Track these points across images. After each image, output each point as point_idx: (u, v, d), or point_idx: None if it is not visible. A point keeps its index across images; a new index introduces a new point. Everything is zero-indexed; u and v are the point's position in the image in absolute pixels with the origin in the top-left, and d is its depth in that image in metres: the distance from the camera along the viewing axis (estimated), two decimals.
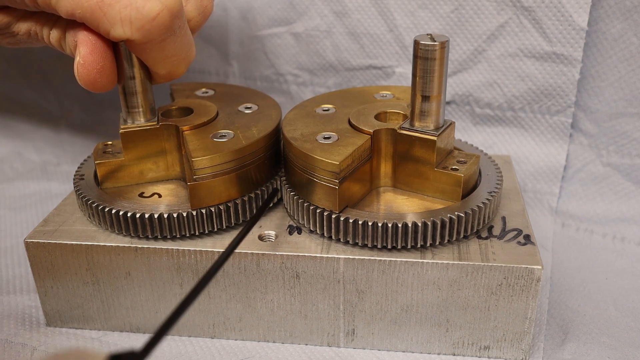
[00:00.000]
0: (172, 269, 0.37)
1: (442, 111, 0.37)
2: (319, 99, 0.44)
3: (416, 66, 0.36)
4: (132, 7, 0.32)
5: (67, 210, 0.41)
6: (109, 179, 0.40)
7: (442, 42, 0.35)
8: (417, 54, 0.35)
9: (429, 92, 0.36)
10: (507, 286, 0.34)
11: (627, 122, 0.49)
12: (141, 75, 0.37)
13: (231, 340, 0.39)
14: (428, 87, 0.36)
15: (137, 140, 0.39)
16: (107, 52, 0.34)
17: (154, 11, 0.32)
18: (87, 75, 0.34)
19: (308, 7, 0.54)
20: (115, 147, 0.41)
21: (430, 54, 0.35)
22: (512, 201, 0.40)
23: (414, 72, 0.36)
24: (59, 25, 0.36)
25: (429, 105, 0.36)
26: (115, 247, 0.37)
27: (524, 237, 0.36)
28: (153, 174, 0.41)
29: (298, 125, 0.40)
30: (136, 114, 0.39)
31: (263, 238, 0.37)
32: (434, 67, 0.35)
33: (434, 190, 0.38)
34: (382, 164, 0.39)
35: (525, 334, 0.36)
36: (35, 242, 0.37)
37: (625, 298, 0.42)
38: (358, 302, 0.36)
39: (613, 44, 0.48)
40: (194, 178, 0.36)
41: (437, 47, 0.35)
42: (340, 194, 0.35)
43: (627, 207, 0.50)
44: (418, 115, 0.37)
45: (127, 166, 0.40)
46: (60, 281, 0.38)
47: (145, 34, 0.33)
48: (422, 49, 0.35)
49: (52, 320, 0.40)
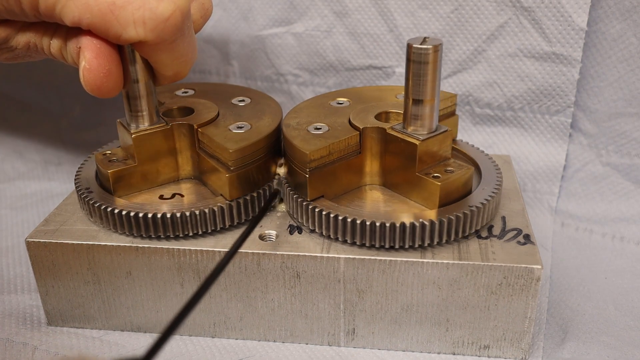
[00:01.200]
0: (173, 268, 0.37)
1: (436, 116, 0.37)
2: (337, 93, 0.45)
3: (409, 70, 0.35)
4: (146, 8, 0.32)
5: (68, 209, 0.41)
6: (122, 187, 0.39)
7: (436, 45, 0.34)
8: (410, 58, 0.35)
9: (422, 96, 0.36)
10: (507, 286, 0.34)
11: (627, 122, 0.49)
12: (145, 78, 0.37)
13: (232, 340, 0.39)
14: (420, 90, 0.36)
15: (149, 144, 0.39)
16: (112, 55, 0.34)
17: (168, 11, 0.32)
18: (93, 80, 0.33)
19: (308, 8, 0.54)
20: (117, 154, 0.40)
21: (423, 57, 0.35)
22: (512, 201, 0.40)
23: (406, 76, 0.36)
24: (59, 34, 0.35)
25: (421, 109, 0.36)
26: (116, 247, 0.37)
27: (524, 237, 0.36)
28: (165, 175, 0.40)
29: (302, 114, 0.41)
30: (140, 118, 0.38)
31: (264, 238, 0.37)
32: (427, 71, 0.35)
33: (416, 195, 0.38)
34: (370, 162, 0.39)
35: (525, 334, 0.36)
36: (36, 242, 0.37)
37: (624, 297, 0.42)
38: (358, 302, 0.36)
39: (612, 44, 0.48)
40: (231, 169, 0.37)
41: (430, 50, 0.34)
42: (311, 183, 0.36)
43: (626, 206, 0.50)
44: (410, 119, 0.37)
45: (140, 171, 0.39)
46: (62, 280, 0.39)
47: (159, 35, 0.33)
48: (415, 53, 0.35)
49: (53, 319, 0.40)
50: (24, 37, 0.35)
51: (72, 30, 0.34)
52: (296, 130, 0.39)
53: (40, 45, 0.35)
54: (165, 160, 0.40)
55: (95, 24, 0.32)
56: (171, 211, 0.36)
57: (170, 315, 0.38)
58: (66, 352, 0.38)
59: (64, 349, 0.38)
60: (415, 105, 0.36)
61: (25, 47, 0.36)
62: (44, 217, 0.50)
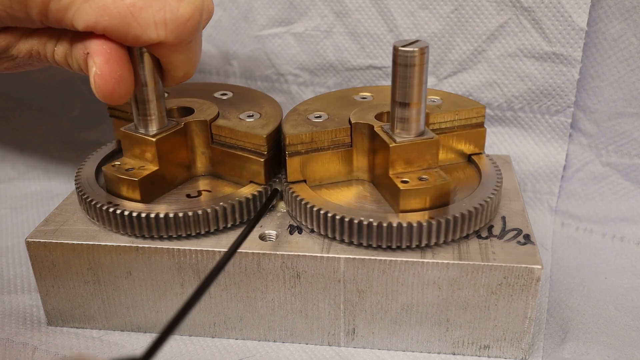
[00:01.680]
0: (173, 268, 0.37)
1: (422, 120, 0.36)
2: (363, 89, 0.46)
3: (395, 72, 0.35)
4: (167, 10, 0.31)
5: (68, 209, 0.41)
6: (149, 193, 0.38)
7: (422, 48, 0.34)
8: (395, 60, 0.35)
9: (407, 99, 0.35)
10: (507, 286, 0.34)
11: (627, 122, 0.49)
12: (155, 81, 0.36)
13: (232, 340, 0.39)
14: (407, 94, 0.35)
15: (170, 145, 0.39)
16: (123, 59, 0.33)
17: (188, 12, 0.32)
18: (105, 86, 0.32)
19: (308, 8, 0.54)
20: (128, 162, 0.39)
21: (409, 60, 0.34)
22: (512, 201, 0.40)
23: (392, 79, 0.36)
24: (64, 39, 0.34)
25: (407, 113, 0.36)
26: (116, 247, 0.37)
27: (524, 237, 0.36)
28: (182, 175, 0.41)
29: (317, 102, 0.43)
30: (150, 122, 0.38)
31: (264, 238, 0.37)
32: (413, 74, 0.35)
33: (387, 196, 0.38)
34: (358, 156, 0.40)
35: (525, 333, 0.36)
36: (36, 242, 0.37)
37: (624, 297, 0.42)
38: (358, 302, 0.36)
39: (612, 44, 0.48)
40: (264, 154, 0.38)
41: (417, 53, 0.34)
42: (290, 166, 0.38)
43: (626, 206, 0.50)
44: (396, 122, 0.37)
45: (162, 174, 0.39)
46: (62, 280, 0.39)
47: (179, 36, 0.32)
48: (401, 55, 0.34)
49: (53, 319, 0.40)
50: (26, 44, 0.34)
51: (77, 35, 0.33)
52: (297, 115, 0.40)
53: (44, 52, 0.34)
54: (181, 160, 0.40)
55: (113, 26, 0.31)
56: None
57: (170, 315, 0.38)
58: (66, 352, 0.38)
59: (64, 349, 0.38)
60: (401, 108, 0.36)
61: (27, 56, 0.35)
62: (44, 217, 0.50)
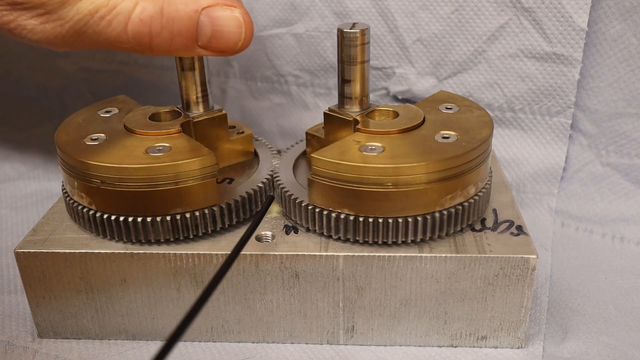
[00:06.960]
0: (169, 273, 0.36)
1: (367, 96, 0.40)
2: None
3: (341, 53, 0.39)
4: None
5: (55, 218, 0.39)
6: None
7: (362, 29, 0.38)
8: (340, 42, 0.38)
9: (350, 76, 0.39)
10: (504, 276, 0.35)
11: (627, 122, 0.49)
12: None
13: (231, 343, 0.38)
14: (349, 72, 0.39)
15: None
16: None
17: None
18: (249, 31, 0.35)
19: (309, 8, 0.54)
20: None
21: (352, 41, 0.38)
22: (501, 193, 0.41)
23: (338, 59, 0.39)
24: None
25: (350, 89, 0.39)
26: (110, 254, 0.36)
27: (517, 228, 0.37)
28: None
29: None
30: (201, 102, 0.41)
31: (260, 239, 0.37)
32: (356, 53, 0.38)
33: None
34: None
35: (521, 323, 0.36)
36: (25, 252, 0.36)
37: (624, 297, 0.42)
38: (357, 299, 0.36)
39: (612, 44, 0.48)
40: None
41: (358, 34, 0.37)
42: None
43: (626, 207, 0.50)
44: (341, 98, 0.40)
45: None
46: (53, 291, 0.37)
47: None
48: (345, 37, 0.38)
49: (44, 332, 0.39)
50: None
51: None
52: None
53: None
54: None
55: None
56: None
57: (167, 322, 0.38)
58: (67, 355, 0.38)
59: (64, 353, 0.38)
60: (345, 85, 0.39)
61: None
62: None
